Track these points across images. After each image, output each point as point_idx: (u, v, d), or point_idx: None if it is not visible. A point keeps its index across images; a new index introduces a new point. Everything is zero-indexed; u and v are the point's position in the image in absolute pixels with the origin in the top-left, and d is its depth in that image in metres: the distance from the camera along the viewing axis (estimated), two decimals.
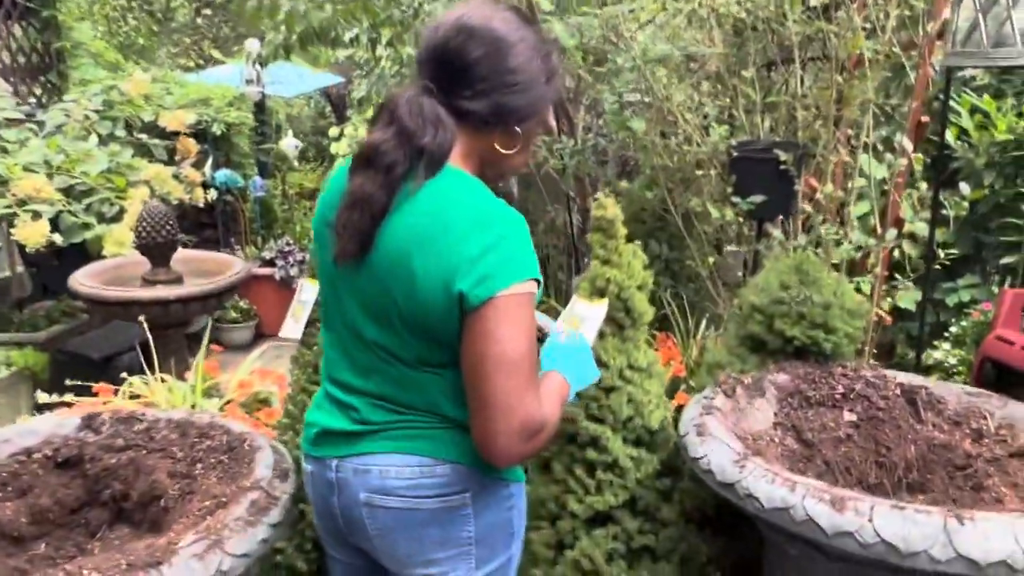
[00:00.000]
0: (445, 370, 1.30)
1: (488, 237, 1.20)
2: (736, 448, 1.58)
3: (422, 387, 1.32)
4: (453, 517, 1.34)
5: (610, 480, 1.88)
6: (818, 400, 1.98)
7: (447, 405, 1.32)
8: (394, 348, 1.31)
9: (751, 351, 2.16)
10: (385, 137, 1.25)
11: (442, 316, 1.23)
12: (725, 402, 1.85)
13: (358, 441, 1.36)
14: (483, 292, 1.19)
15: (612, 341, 1.91)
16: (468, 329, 1.22)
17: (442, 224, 1.22)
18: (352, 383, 1.37)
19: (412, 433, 1.34)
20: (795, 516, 1.40)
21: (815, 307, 2.01)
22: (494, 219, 1.23)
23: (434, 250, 1.22)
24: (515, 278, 1.20)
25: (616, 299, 1.88)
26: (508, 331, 1.20)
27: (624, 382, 1.90)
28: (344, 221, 1.26)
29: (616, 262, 1.90)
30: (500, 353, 1.19)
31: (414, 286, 1.24)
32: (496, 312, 1.19)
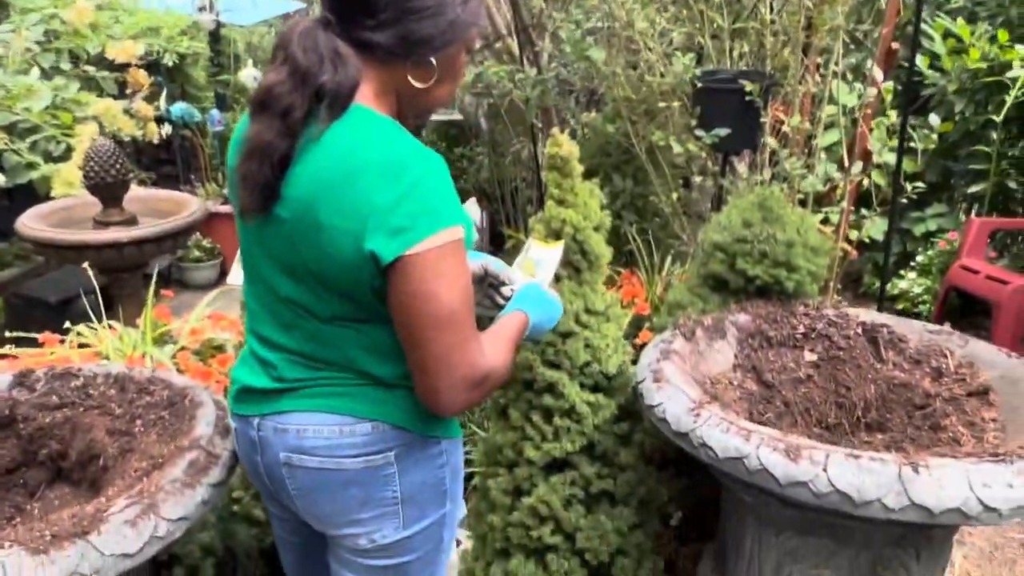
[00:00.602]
0: (363, 325, 1.24)
1: (400, 184, 1.12)
2: (692, 396, 1.54)
3: (339, 343, 1.26)
4: (375, 477, 1.30)
5: (567, 426, 1.84)
6: (779, 340, 1.94)
7: (367, 361, 1.26)
8: (308, 304, 1.25)
9: (713, 290, 2.11)
10: (279, 78, 1.15)
11: (354, 274, 1.16)
12: (684, 345, 1.81)
13: (277, 399, 1.31)
14: (399, 247, 1.11)
15: (568, 284, 1.84)
16: (392, 288, 1.15)
17: (348, 172, 1.13)
18: (272, 338, 1.31)
19: (330, 391, 1.29)
20: (749, 466, 1.37)
21: (778, 245, 1.96)
22: (406, 163, 1.13)
23: (341, 201, 1.13)
24: (435, 227, 1.12)
25: (572, 241, 1.81)
26: (436, 286, 1.13)
27: (581, 327, 1.84)
28: (244, 172, 1.17)
29: (571, 202, 1.82)
30: (432, 312, 1.13)
31: (322, 241, 1.16)
32: (418, 268, 1.12)
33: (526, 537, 1.88)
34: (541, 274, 1.68)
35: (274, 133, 1.14)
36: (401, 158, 1.13)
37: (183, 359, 2.55)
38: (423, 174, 1.13)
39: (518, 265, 1.70)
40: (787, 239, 1.96)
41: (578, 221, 1.80)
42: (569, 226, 1.80)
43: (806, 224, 2.01)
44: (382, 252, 1.12)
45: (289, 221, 1.19)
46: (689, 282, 2.17)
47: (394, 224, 1.11)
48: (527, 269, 1.69)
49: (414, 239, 1.11)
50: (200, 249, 5.32)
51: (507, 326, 1.38)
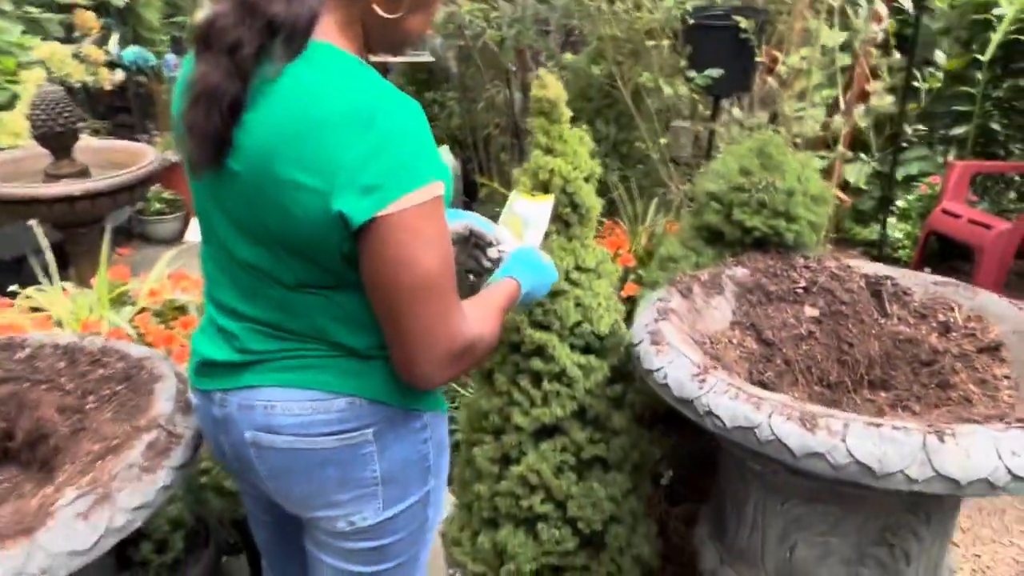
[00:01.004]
0: (333, 292, 1.12)
1: (371, 135, 0.97)
2: (695, 359, 1.43)
3: (307, 312, 1.13)
4: (353, 456, 1.18)
5: (557, 391, 1.73)
6: (779, 295, 1.83)
7: (339, 331, 1.14)
8: (271, 269, 1.11)
9: (707, 243, 2.00)
10: (223, 9, 0.99)
11: (320, 237, 1.03)
12: (681, 303, 1.70)
13: (241, 373, 1.18)
14: (371, 207, 0.97)
15: (557, 240, 1.71)
16: (364, 253, 1.02)
17: (311, 121, 0.98)
18: (233, 306, 1.17)
19: (299, 363, 1.16)
20: (760, 436, 1.27)
21: (777, 194, 1.84)
22: (378, 110, 0.98)
23: (303, 155, 0.99)
24: (412, 184, 0.99)
25: (561, 193, 1.67)
26: (413, 251, 1.00)
27: (571, 285, 1.72)
28: (191, 121, 1.02)
29: (560, 150, 1.68)
30: (409, 279, 1.01)
31: (282, 200, 1.02)
32: (393, 231, 0.99)
33: (515, 507, 1.78)
34: (531, 233, 1.55)
35: (222, 74, 0.98)
36: (372, 105, 0.98)
37: (142, 322, 2.39)
38: (398, 123, 0.99)
39: (503, 223, 1.56)
40: (787, 187, 1.84)
41: (568, 171, 1.66)
42: (558, 177, 1.66)
43: (807, 171, 1.89)
44: (352, 213, 0.98)
45: (244, 176, 1.04)
46: (681, 234, 2.05)
47: (365, 181, 0.97)
48: (514, 227, 1.56)
49: (388, 198, 0.98)
50: (161, 201, 5.08)
51: (496, 294, 1.27)
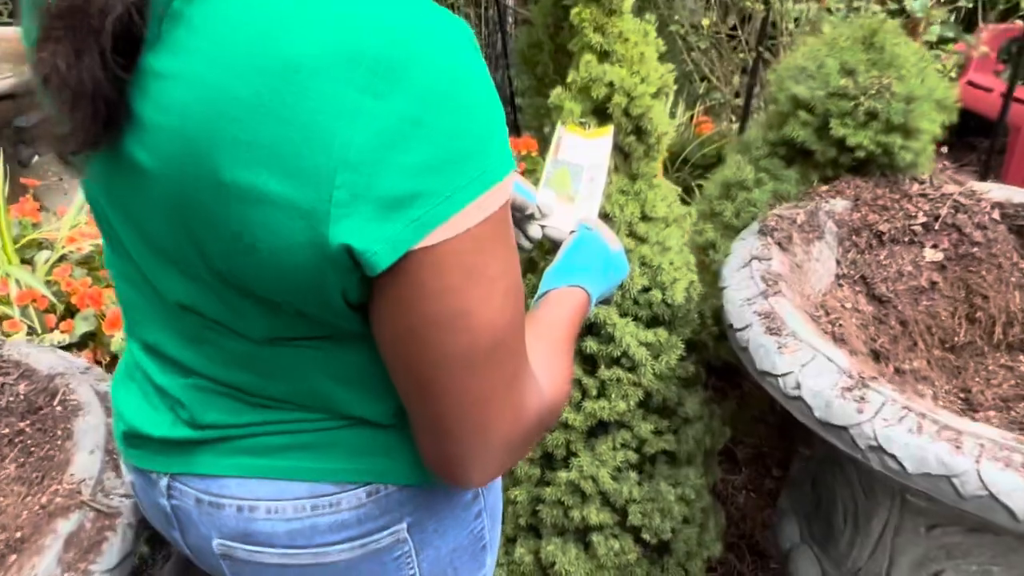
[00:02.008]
0: (326, 343, 0.68)
1: (398, 99, 0.51)
2: (840, 361, 1.03)
3: (290, 371, 0.70)
4: (382, 563, 0.79)
5: (617, 377, 1.32)
6: (892, 236, 1.42)
7: (343, 395, 0.72)
8: (220, 317, 0.67)
9: (787, 163, 1.55)
10: None
11: (306, 283, 0.58)
12: (783, 260, 1.27)
13: (193, 453, 0.76)
14: (404, 237, 0.53)
15: (615, 180, 1.26)
16: (387, 305, 0.59)
17: (278, 70, 0.51)
18: (172, 353, 0.74)
19: (287, 442, 0.74)
20: (964, 489, 0.89)
21: (895, 101, 1.39)
22: (407, 47, 0.51)
23: (266, 140, 0.52)
24: (473, 188, 0.55)
25: (623, 116, 1.21)
26: (470, 298, 0.58)
27: (636, 240, 1.28)
28: (45, 66, 0.53)
29: (620, 54, 1.19)
30: (465, 343, 0.59)
31: (230, 223, 0.56)
32: (442, 270, 0.56)
33: (564, 517, 1.41)
34: (585, 189, 1.09)
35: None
36: (395, 39, 0.51)
37: (62, 276, 1.90)
38: (445, 73, 0.52)
39: (547, 181, 1.10)
40: (907, 92, 1.39)
41: (633, 85, 1.19)
42: (620, 94, 1.19)
43: (927, 68, 1.43)
44: (368, 247, 0.53)
45: (158, 177, 0.57)
46: (751, 150, 1.60)
47: (390, 187, 0.52)
48: (561, 184, 1.10)
49: (434, 217, 0.53)
50: None
51: (560, 317, 0.86)
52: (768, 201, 1.53)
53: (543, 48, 2.17)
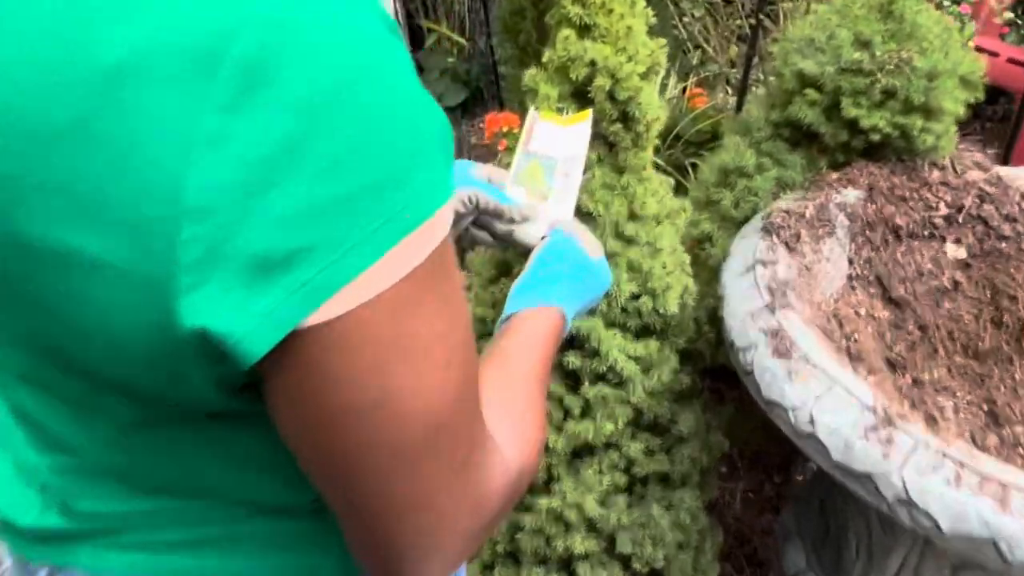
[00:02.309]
0: (211, 423, 0.52)
1: (261, 111, 0.35)
2: (864, 397, 0.88)
3: (175, 454, 0.55)
4: None
5: (603, 396, 1.17)
6: (910, 230, 1.27)
7: (244, 479, 0.57)
8: (72, 394, 0.52)
9: (792, 146, 1.39)
10: None
11: (158, 369, 0.42)
12: (791, 264, 1.12)
13: (71, 545, 0.61)
14: (290, 314, 0.37)
15: (599, 174, 1.10)
16: (280, 391, 0.43)
17: (84, 93, 0.34)
18: (37, 419, 0.59)
19: (186, 538, 0.60)
20: (1011, 554, 0.75)
21: (916, 78, 1.22)
22: (264, 30, 0.34)
23: (77, 186, 0.36)
24: (393, 232, 0.39)
25: (607, 100, 1.04)
26: (400, 375, 0.42)
27: (623, 242, 1.12)
28: None
29: (604, 28, 1.03)
30: (394, 435, 0.44)
31: (45, 294, 0.40)
32: (350, 348, 0.40)
33: (546, 547, 1.27)
34: (560, 183, 0.94)
35: None
36: (255, 23, 0.35)
37: None
38: (338, 69, 0.36)
39: (517, 177, 0.94)
40: (930, 67, 1.23)
41: (618, 64, 1.02)
42: (603, 75, 1.02)
43: (952, 40, 1.27)
44: (234, 328, 0.38)
45: None
46: (752, 132, 1.44)
47: (262, 243, 0.36)
48: (533, 181, 0.94)
49: (330, 280, 0.38)
50: None
51: (528, 351, 0.72)
52: (771, 189, 1.38)
53: (526, 16, 1.99)
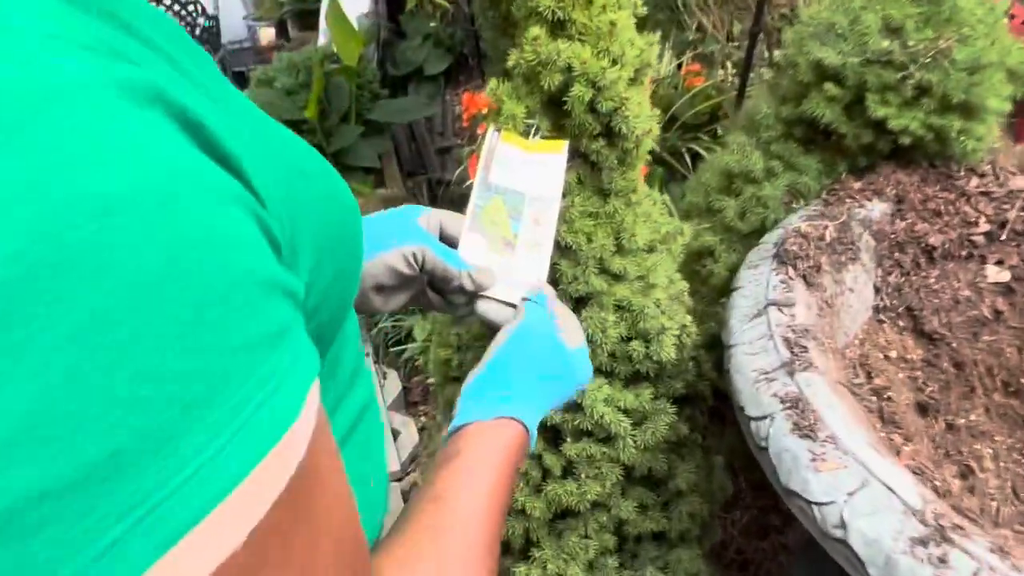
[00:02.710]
0: None
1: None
2: (909, 498, 0.70)
3: None
4: None
5: (588, 454, 1.00)
6: (946, 250, 1.08)
7: None
8: None
9: (805, 149, 1.20)
10: None
11: None
12: (810, 302, 0.94)
13: None
14: None
15: (581, 200, 0.91)
16: None
17: None
18: None
19: None
20: None
21: (955, 71, 1.03)
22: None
23: None
24: (179, 522, 0.23)
25: (587, 115, 0.85)
26: None
27: (609, 279, 0.94)
28: None
29: (582, 25, 0.83)
30: None
31: None
32: None
33: None
34: (530, 240, 0.76)
35: None
36: None
37: None
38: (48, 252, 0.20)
39: (475, 219, 0.76)
40: (972, 59, 1.03)
41: (598, 70, 0.83)
42: (582, 84, 0.83)
43: (999, 26, 1.07)
44: None
45: None
46: (760, 130, 1.24)
47: None
48: (495, 224, 0.77)
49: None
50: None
51: (475, 493, 0.54)
52: (781, 198, 1.19)
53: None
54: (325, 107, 2.87)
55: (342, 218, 0.47)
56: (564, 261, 0.92)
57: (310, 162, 0.44)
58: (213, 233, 0.25)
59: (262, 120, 0.39)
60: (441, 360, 1.08)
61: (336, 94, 2.90)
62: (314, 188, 0.41)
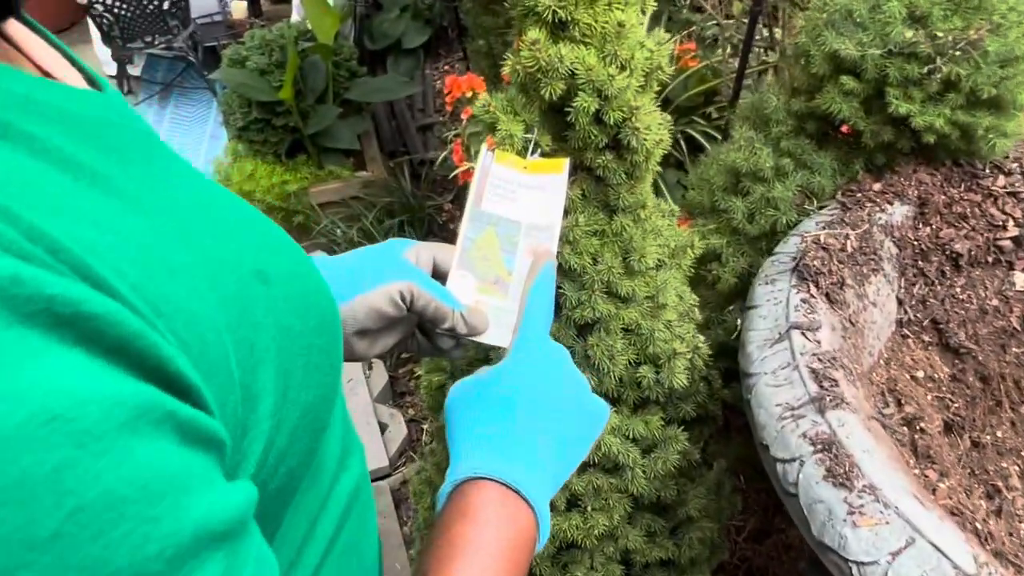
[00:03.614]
0: None
1: None
2: (961, 561, 0.64)
3: None
4: None
5: (594, 486, 0.93)
6: (972, 257, 1.01)
7: None
8: None
9: (818, 146, 1.12)
10: None
11: None
12: (834, 322, 0.86)
13: None
14: None
15: (583, 217, 0.82)
16: None
17: None
18: None
19: None
20: None
21: (986, 65, 0.95)
22: None
23: None
24: None
25: (593, 127, 0.76)
26: None
27: (617, 303, 0.86)
28: None
29: (585, 27, 0.74)
30: None
31: None
32: None
33: None
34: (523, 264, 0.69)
35: None
36: None
37: None
38: None
39: (465, 253, 0.69)
40: (1005, 51, 0.95)
41: (605, 77, 0.74)
42: (588, 93, 0.74)
43: None
44: None
45: None
46: (769, 125, 1.16)
47: None
48: (487, 259, 0.69)
49: None
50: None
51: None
52: (793, 199, 1.11)
53: None
54: (301, 87, 2.75)
55: (316, 315, 0.40)
56: (568, 284, 0.84)
57: (275, 262, 0.36)
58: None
59: (211, 221, 0.32)
60: (434, 386, 1.00)
61: (312, 73, 2.77)
62: (276, 293, 0.34)
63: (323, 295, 0.41)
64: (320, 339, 0.39)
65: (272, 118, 2.72)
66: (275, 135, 2.76)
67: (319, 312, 0.39)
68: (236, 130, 2.77)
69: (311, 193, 2.79)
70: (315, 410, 0.38)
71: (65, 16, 5.19)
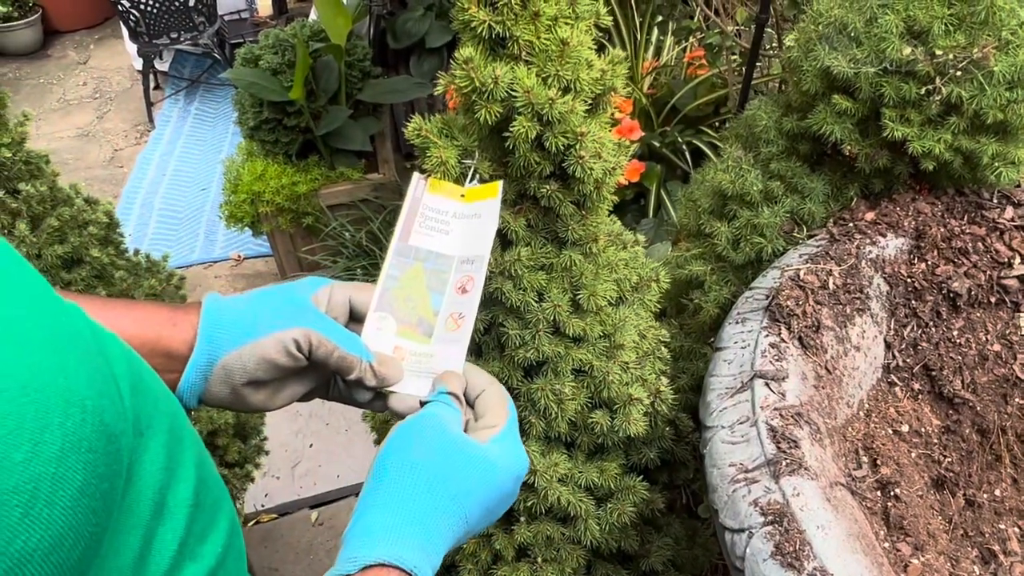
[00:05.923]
0: None
1: None
2: None
3: None
4: None
5: (546, 536, 0.86)
6: (971, 297, 0.92)
7: None
8: None
9: (810, 168, 1.04)
10: None
11: None
12: (804, 371, 0.78)
13: None
14: None
15: (526, 251, 0.75)
16: None
17: None
18: None
19: None
20: None
21: (993, 86, 0.86)
22: None
23: None
24: None
25: (534, 153, 0.69)
26: None
27: (564, 343, 0.79)
28: None
29: (528, 44, 0.67)
30: None
31: None
32: None
33: None
34: (451, 303, 0.63)
35: None
36: None
37: None
38: None
39: (386, 293, 0.62)
40: (1013, 71, 0.86)
41: (546, 101, 0.67)
42: (527, 116, 0.67)
43: None
44: None
45: None
46: (759, 144, 1.08)
47: None
48: (410, 301, 0.63)
49: None
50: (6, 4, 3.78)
51: None
52: (780, 225, 1.03)
53: None
54: (313, 88, 2.71)
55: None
56: (511, 323, 0.77)
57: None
58: None
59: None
60: (381, 420, 0.94)
61: (324, 74, 2.73)
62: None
63: (115, 359, 0.36)
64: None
65: (284, 118, 2.68)
66: (286, 135, 2.73)
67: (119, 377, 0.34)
68: (248, 130, 2.74)
69: (321, 195, 2.76)
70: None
71: (100, 11, 5.24)
